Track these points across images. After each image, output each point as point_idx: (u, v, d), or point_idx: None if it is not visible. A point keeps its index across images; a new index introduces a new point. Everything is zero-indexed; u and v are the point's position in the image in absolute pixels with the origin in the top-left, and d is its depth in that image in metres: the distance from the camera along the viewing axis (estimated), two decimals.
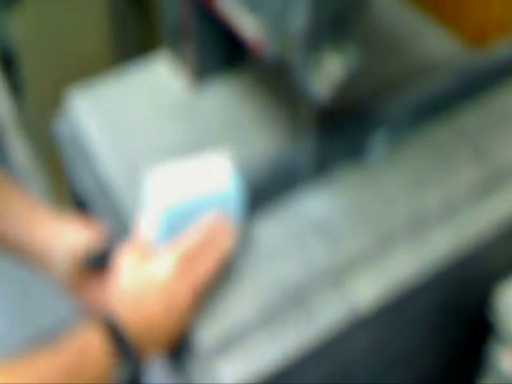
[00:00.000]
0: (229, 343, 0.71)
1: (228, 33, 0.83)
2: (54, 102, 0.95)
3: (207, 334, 0.71)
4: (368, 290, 0.76)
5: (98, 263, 0.75)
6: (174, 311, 0.67)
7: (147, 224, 0.71)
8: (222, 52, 0.99)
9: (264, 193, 0.81)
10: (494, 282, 0.83)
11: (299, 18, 0.67)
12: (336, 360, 0.77)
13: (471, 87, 0.94)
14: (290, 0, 0.66)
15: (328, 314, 0.73)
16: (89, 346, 0.60)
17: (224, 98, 0.99)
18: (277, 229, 0.81)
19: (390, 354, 0.85)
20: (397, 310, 0.78)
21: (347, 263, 0.78)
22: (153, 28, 1.47)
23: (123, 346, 0.62)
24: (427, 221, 0.82)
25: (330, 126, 0.85)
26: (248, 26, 0.75)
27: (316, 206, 0.84)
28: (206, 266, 0.70)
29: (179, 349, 0.75)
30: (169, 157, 0.87)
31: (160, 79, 1.03)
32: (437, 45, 1.09)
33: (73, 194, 1.05)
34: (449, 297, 0.85)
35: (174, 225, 0.70)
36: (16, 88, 1.62)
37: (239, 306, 0.73)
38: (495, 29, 1.12)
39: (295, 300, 0.75)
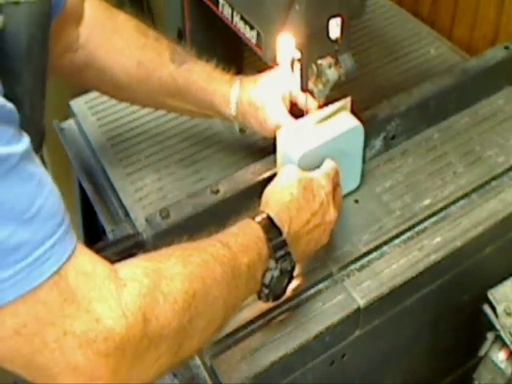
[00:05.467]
0: (229, 344, 0.72)
1: (226, 45, 0.85)
2: (57, 105, 0.96)
3: None
4: (366, 286, 0.77)
5: None
6: (326, 225, 0.72)
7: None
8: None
9: None
10: (489, 281, 0.83)
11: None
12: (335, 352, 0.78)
13: (463, 90, 0.95)
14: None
15: (328, 310, 0.75)
16: (251, 241, 0.64)
17: None
18: None
19: (389, 346, 0.86)
20: (395, 304, 0.79)
21: (346, 261, 0.79)
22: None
23: (280, 245, 0.65)
24: (421, 221, 0.83)
25: None
26: (248, 32, 0.76)
27: None
28: (341, 195, 0.77)
29: None
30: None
31: None
32: (431, 49, 1.11)
33: (78, 192, 1.06)
34: (446, 293, 0.86)
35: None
36: None
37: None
38: (486, 37, 1.13)
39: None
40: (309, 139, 0.77)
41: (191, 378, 0.75)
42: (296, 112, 0.81)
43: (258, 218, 0.66)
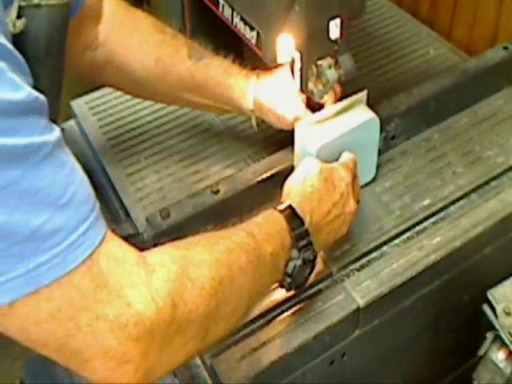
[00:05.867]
0: (229, 343, 0.72)
1: (227, 45, 0.85)
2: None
3: None
4: (366, 285, 0.77)
5: None
6: (346, 216, 0.73)
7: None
8: None
9: None
10: (489, 280, 0.84)
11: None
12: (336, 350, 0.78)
13: (462, 91, 0.95)
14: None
15: (328, 309, 0.75)
16: (275, 231, 0.65)
17: None
18: None
19: (389, 346, 0.86)
20: (394, 304, 0.80)
21: (345, 261, 0.79)
22: None
23: (303, 235, 0.67)
24: (421, 221, 0.84)
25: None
26: (248, 32, 0.76)
27: None
28: (359, 186, 0.78)
29: None
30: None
31: None
32: (430, 50, 1.11)
33: None
34: (445, 293, 0.86)
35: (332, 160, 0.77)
36: None
37: None
38: (485, 37, 1.13)
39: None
40: (326, 132, 0.78)
41: (191, 378, 0.75)
42: (313, 105, 0.81)
43: (281, 208, 0.67)
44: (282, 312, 0.75)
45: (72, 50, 0.64)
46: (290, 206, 0.68)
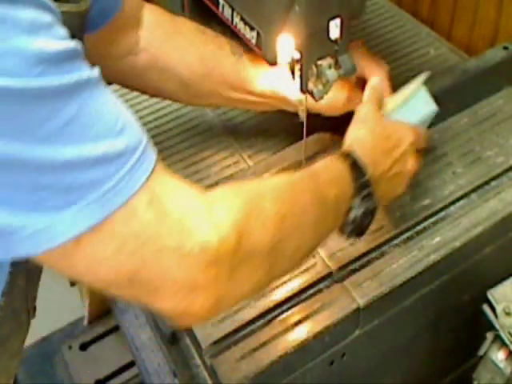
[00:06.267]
0: (229, 344, 0.72)
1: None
2: None
3: (209, 333, 0.72)
4: (366, 285, 0.77)
5: None
6: (405, 174, 0.74)
7: None
8: None
9: None
10: (489, 281, 0.84)
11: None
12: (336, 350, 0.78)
13: (462, 91, 0.95)
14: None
15: (328, 309, 0.75)
16: (337, 177, 0.66)
17: None
18: None
19: (389, 346, 0.87)
20: (394, 304, 0.80)
21: (346, 260, 0.79)
22: None
23: (365, 185, 0.67)
24: (421, 221, 0.84)
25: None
26: (248, 32, 0.76)
27: None
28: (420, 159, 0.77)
29: (181, 347, 0.76)
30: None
31: None
32: (430, 50, 1.11)
33: None
34: (445, 293, 0.86)
35: None
36: None
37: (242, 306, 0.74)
38: (485, 37, 1.13)
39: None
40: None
41: (191, 378, 0.75)
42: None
43: (344, 156, 0.67)
44: (282, 312, 0.75)
45: (111, 55, 0.66)
46: (352, 156, 0.68)
